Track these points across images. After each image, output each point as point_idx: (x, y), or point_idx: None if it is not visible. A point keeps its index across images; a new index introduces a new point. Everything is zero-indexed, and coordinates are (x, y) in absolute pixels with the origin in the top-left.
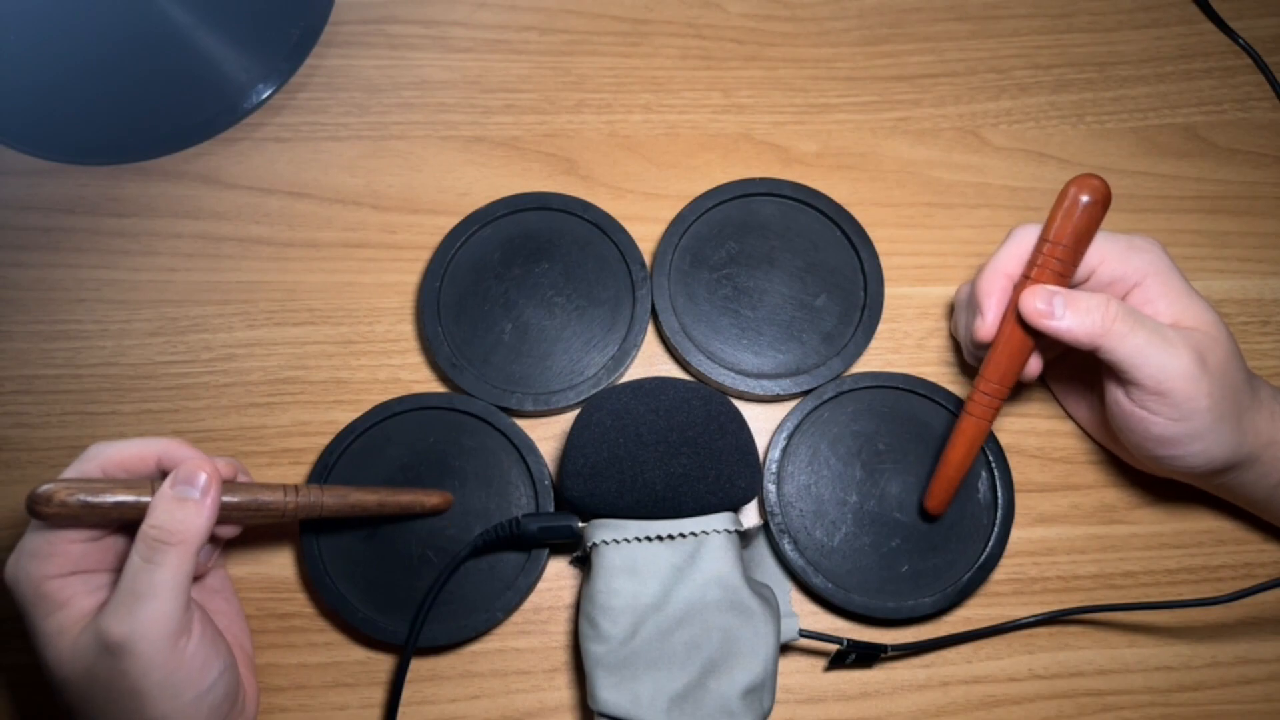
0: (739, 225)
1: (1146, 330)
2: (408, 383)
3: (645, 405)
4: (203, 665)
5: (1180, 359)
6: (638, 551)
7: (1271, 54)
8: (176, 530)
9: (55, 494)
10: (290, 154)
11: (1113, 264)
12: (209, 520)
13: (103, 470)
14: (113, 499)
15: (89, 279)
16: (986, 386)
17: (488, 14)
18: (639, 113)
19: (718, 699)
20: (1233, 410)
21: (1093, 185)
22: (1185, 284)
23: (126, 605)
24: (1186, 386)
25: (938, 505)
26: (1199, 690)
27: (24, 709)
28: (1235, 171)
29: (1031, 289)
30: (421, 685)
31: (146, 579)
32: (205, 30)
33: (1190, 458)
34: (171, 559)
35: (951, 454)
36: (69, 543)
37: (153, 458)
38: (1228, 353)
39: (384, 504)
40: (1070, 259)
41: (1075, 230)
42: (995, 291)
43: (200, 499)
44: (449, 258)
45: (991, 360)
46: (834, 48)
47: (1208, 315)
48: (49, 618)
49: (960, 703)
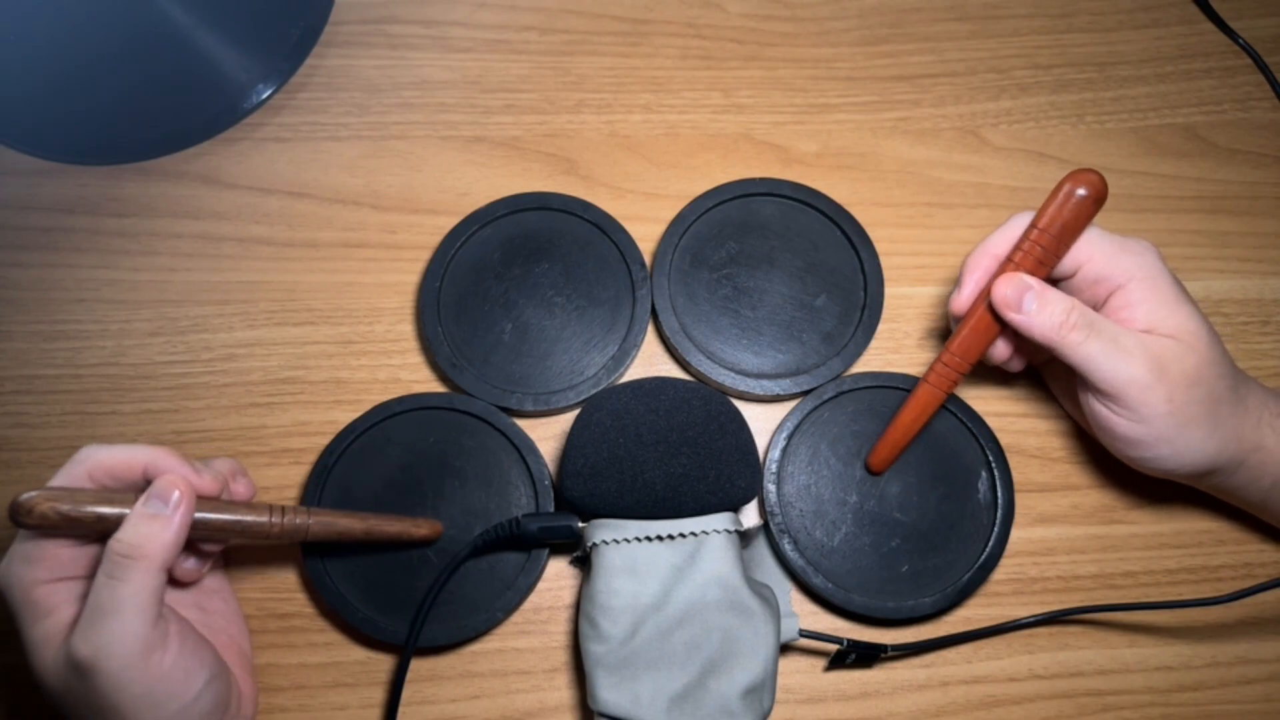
0: (739, 225)
1: (1101, 339)
2: (408, 383)
3: (645, 405)
4: (185, 677)
5: (1132, 367)
6: (638, 551)
7: (1271, 54)
8: (140, 545)
9: (35, 505)
10: (290, 154)
11: (1099, 263)
12: (176, 537)
13: (90, 476)
14: (93, 510)
15: (89, 279)
16: (949, 359)
17: (488, 14)
18: (639, 113)
19: (718, 699)
20: (1206, 416)
21: (1089, 180)
22: (1173, 290)
23: (91, 622)
24: (1139, 393)
25: (880, 464)
26: (1199, 690)
27: (24, 709)
28: (1235, 171)
29: (1007, 275)
30: (421, 685)
31: (109, 595)
32: (205, 30)
33: (1163, 459)
34: (135, 575)
35: (903, 417)
36: (58, 548)
37: (140, 466)
38: (1203, 360)
39: (371, 533)
40: (1054, 249)
41: (1064, 221)
42: (978, 269)
43: (170, 514)
44: (449, 258)
45: (959, 334)
46: (834, 48)
47: (1188, 324)
48: (36, 625)
49: (960, 703)
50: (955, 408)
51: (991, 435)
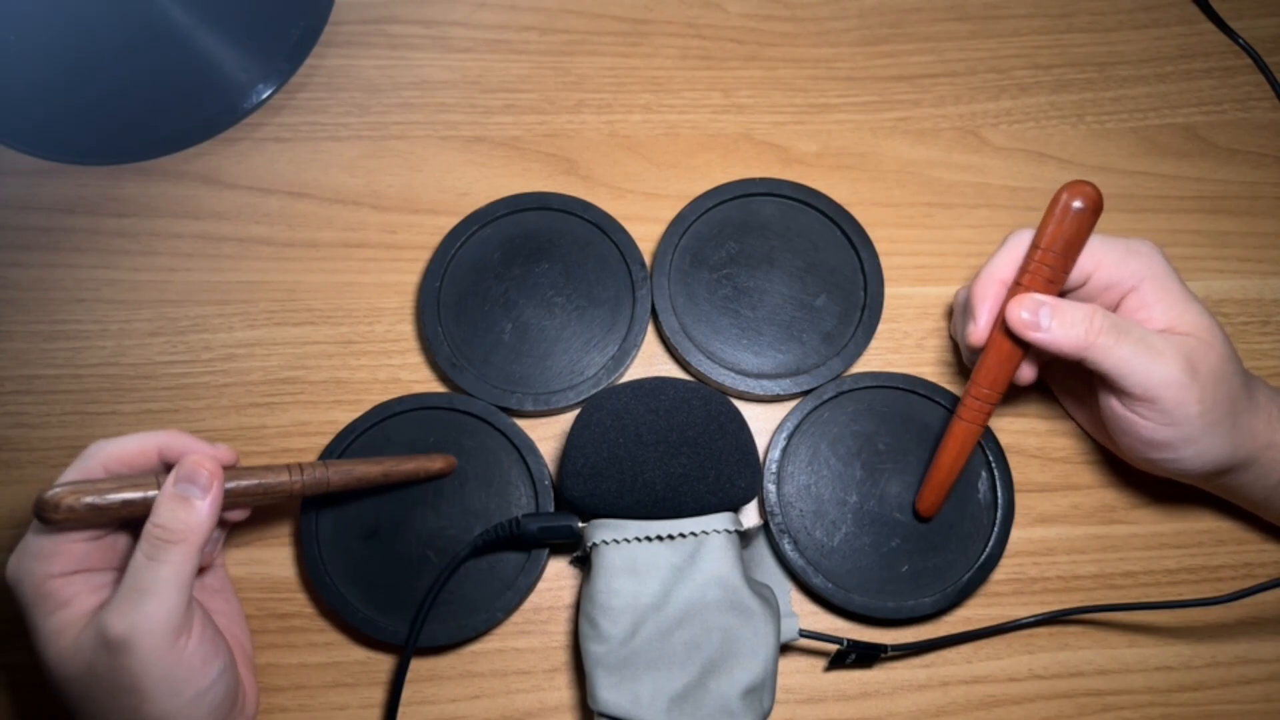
0: (739, 225)
1: (1132, 341)
2: (408, 383)
3: (645, 405)
4: (203, 663)
5: (1168, 367)
6: (638, 551)
7: (1271, 54)
8: (179, 529)
9: (62, 499)
10: (290, 154)
11: (1108, 269)
12: (211, 517)
13: (105, 468)
14: (119, 497)
15: (89, 279)
16: (978, 392)
17: (488, 14)
18: (639, 113)
19: (718, 699)
20: (1227, 414)
21: (1084, 191)
22: (1182, 288)
23: (129, 601)
24: (1175, 394)
25: (929, 508)
26: (1199, 690)
27: (24, 709)
28: (1235, 171)
29: (1018, 298)
30: (421, 685)
31: (150, 576)
32: (205, 30)
33: (1184, 460)
34: (175, 556)
35: (943, 458)
36: (72, 542)
37: (154, 451)
38: (1222, 358)
39: (389, 474)
40: (1061, 265)
41: (1066, 237)
42: (989, 298)
43: (202, 496)
44: (449, 258)
45: (983, 366)
46: (834, 48)
47: (1203, 320)
48: (50, 616)
49: (960, 703)
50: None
51: (991, 435)
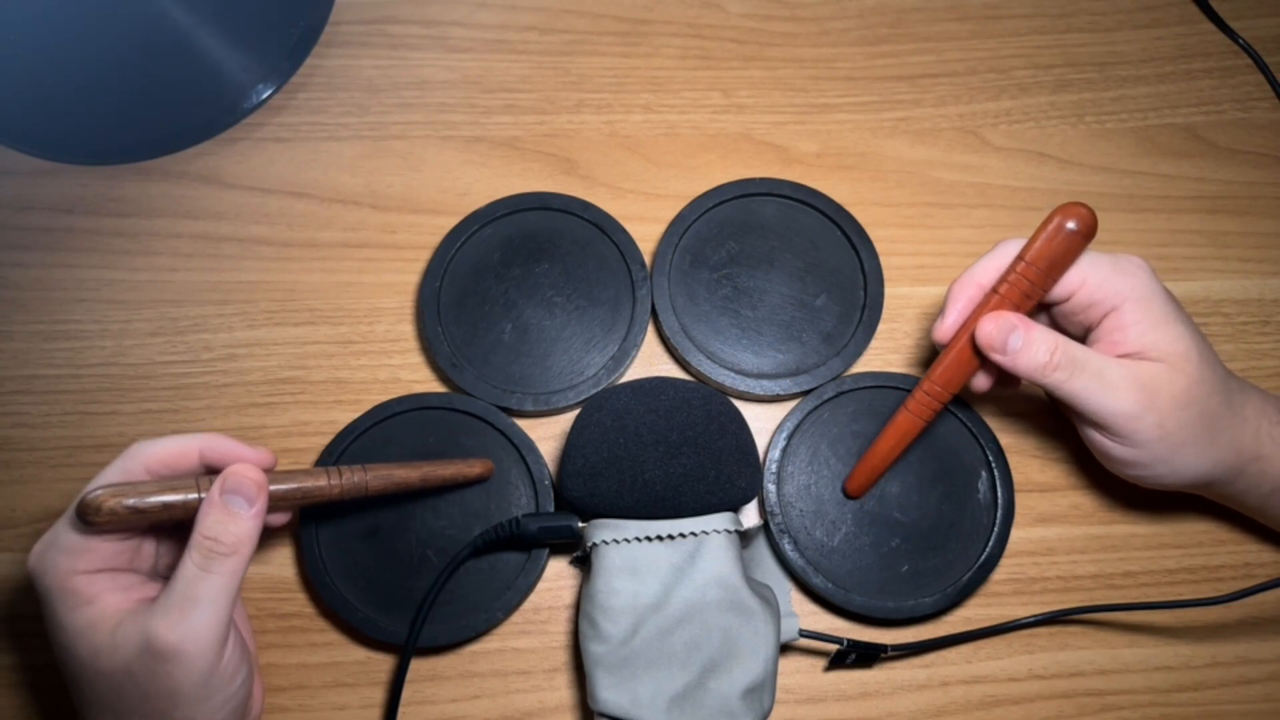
0: (739, 225)
1: (1085, 376)
2: (408, 383)
3: (645, 405)
4: (233, 670)
5: (1118, 401)
6: (638, 551)
7: (1271, 54)
8: (230, 541)
9: (103, 502)
10: (290, 154)
11: (1093, 288)
12: (259, 528)
13: (147, 469)
14: (159, 500)
15: (89, 279)
16: (930, 388)
17: (488, 14)
18: (639, 113)
19: (718, 699)
20: (1201, 434)
21: (1079, 214)
22: (1165, 309)
23: (180, 609)
24: (1128, 424)
25: (857, 489)
26: (1199, 690)
27: (25, 709)
28: (1235, 171)
29: (994, 315)
30: (421, 685)
31: (204, 586)
32: (206, 30)
33: (1160, 476)
34: (227, 568)
35: (881, 444)
36: (102, 541)
37: (195, 452)
38: (1192, 380)
39: (427, 478)
40: (1040, 282)
41: (1052, 255)
42: (962, 298)
43: (249, 508)
44: (449, 258)
45: (940, 363)
46: (834, 48)
47: (1178, 345)
48: (75, 611)
49: (960, 703)
50: (955, 408)
51: (991, 435)
